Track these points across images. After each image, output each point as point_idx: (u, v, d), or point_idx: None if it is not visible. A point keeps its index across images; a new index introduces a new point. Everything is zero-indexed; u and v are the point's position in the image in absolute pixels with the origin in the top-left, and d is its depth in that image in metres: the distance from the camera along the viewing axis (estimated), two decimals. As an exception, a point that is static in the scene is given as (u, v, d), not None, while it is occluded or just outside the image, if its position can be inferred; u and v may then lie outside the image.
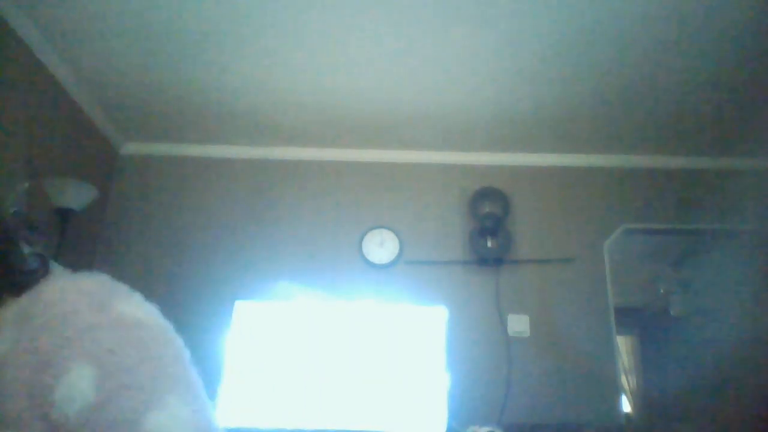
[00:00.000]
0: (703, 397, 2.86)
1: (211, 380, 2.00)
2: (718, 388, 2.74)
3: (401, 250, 2.97)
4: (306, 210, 3.06)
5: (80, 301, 0.56)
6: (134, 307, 0.59)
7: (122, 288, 0.61)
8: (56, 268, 0.62)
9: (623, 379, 3.03)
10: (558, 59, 2.42)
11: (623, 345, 3.23)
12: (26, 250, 0.61)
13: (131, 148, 3.16)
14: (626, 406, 3.15)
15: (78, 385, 0.50)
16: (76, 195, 2.46)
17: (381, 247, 2.98)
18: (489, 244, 2.94)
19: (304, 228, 3.02)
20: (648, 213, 3.02)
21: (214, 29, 2.29)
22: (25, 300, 0.57)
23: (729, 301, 2.84)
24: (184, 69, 2.53)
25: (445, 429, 2.10)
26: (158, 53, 2.44)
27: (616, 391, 2.79)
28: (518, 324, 2.85)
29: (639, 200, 3.08)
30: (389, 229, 3.01)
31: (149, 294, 0.63)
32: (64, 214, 2.46)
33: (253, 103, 2.79)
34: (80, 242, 2.74)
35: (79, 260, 2.68)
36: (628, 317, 3.18)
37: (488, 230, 2.94)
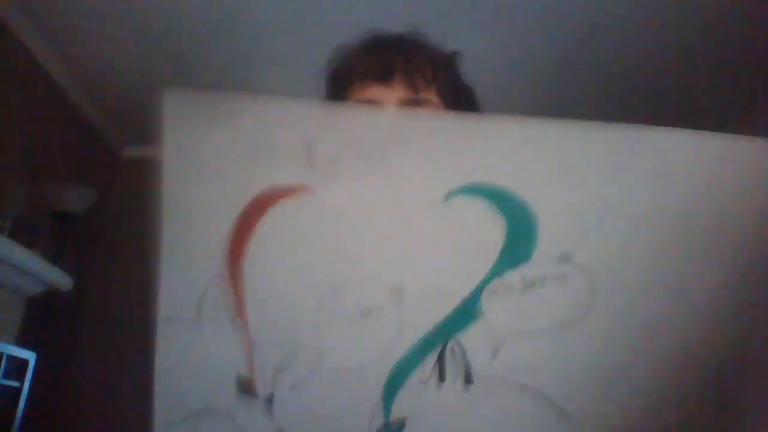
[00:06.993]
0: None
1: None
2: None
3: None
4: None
5: None
6: None
7: None
8: None
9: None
10: (558, 59, 2.42)
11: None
12: None
13: (131, 151, 3.16)
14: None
15: None
16: (75, 199, 2.45)
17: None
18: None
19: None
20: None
21: (214, 31, 2.29)
22: None
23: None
24: (184, 71, 2.53)
25: None
26: (159, 55, 2.43)
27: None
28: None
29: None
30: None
31: (148, 300, 0.63)
32: (63, 218, 2.45)
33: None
34: (80, 246, 2.73)
35: (79, 264, 2.67)
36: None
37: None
